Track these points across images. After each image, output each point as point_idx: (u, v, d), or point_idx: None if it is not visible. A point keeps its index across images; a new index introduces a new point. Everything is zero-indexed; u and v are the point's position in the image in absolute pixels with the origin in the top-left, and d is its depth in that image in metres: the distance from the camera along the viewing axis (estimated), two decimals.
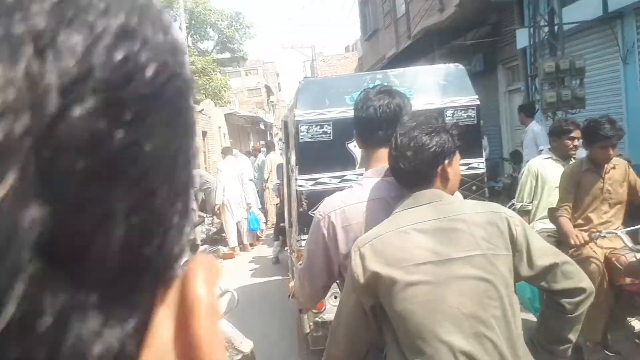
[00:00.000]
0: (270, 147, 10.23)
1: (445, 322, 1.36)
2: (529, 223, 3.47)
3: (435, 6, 11.02)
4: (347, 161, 3.35)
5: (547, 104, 6.44)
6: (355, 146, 3.32)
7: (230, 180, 8.41)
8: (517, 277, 1.45)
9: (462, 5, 9.52)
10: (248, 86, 43.51)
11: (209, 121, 19.87)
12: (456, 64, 3.69)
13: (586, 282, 1.48)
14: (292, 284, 2.10)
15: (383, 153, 1.63)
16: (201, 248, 8.18)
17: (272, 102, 49.61)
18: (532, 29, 7.39)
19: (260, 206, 9.69)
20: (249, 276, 7.13)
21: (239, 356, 3.51)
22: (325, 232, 1.64)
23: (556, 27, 7.15)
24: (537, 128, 6.60)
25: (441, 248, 1.43)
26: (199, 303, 0.27)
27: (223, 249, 8.46)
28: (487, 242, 1.43)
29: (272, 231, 8.96)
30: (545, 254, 1.48)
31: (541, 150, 5.77)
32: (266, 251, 8.45)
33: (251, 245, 8.89)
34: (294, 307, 4.72)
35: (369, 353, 1.60)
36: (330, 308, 2.88)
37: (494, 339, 1.35)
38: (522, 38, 9.06)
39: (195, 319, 0.27)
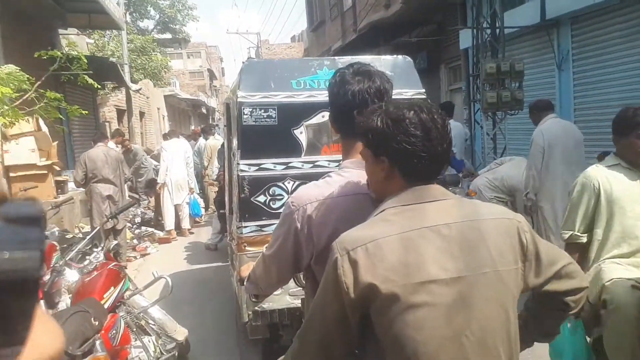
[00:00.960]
0: (208, 131, 9.94)
1: (449, 351, 1.17)
2: (589, 263, 2.62)
3: (382, 2, 11.11)
4: (293, 148, 3.25)
5: (487, 103, 6.66)
6: (301, 133, 3.29)
7: (174, 161, 8.14)
8: (525, 287, 1.31)
9: (408, 2, 9.65)
10: (190, 69, 42.37)
11: (147, 102, 19.16)
12: (404, 56, 3.65)
13: (585, 280, 1.43)
14: (244, 268, 1.92)
15: None
16: (136, 231, 7.86)
17: (215, 86, 48.58)
18: (475, 30, 7.60)
19: (199, 192, 9.45)
20: (186, 262, 6.93)
21: (172, 344, 3.40)
22: (298, 225, 1.49)
23: (497, 30, 7.39)
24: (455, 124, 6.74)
25: (453, 262, 1.20)
26: None
27: (159, 233, 8.17)
28: (500, 256, 1.24)
29: (210, 217, 8.81)
30: (553, 259, 1.35)
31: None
32: (205, 237, 8.24)
33: (189, 230, 8.62)
34: (230, 294, 4.63)
35: None
36: (270, 297, 2.79)
37: (495, 353, 1.21)
38: (465, 39, 9.31)
39: None
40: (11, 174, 6.37)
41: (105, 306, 2.88)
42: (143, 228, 8.04)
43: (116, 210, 4.59)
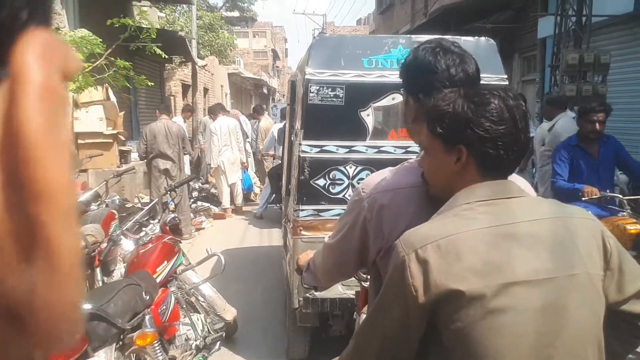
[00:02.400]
0: (260, 111, 9.90)
1: (535, 357, 1.02)
2: None
3: None
4: (358, 131, 3.09)
5: (566, 97, 6.18)
6: (369, 115, 3.12)
7: (224, 141, 8.13)
8: (608, 298, 1.13)
9: None
10: (255, 48, 42.76)
11: (212, 78, 19.44)
12: (487, 38, 3.38)
13: None
14: (302, 256, 1.79)
15: None
16: (193, 206, 7.96)
17: (278, 67, 48.88)
18: (558, 17, 7.06)
19: (255, 169, 9.48)
20: (239, 239, 6.94)
21: (221, 324, 3.34)
22: (367, 214, 1.33)
23: (584, 18, 6.84)
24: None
25: (541, 262, 1.05)
26: (25, 79, 0.23)
27: (214, 209, 8.25)
28: (590, 257, 1.09)
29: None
30: (637, 275, 1.16)
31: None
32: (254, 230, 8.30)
33: (243, 208, 8.64)
34: (281, 277, 4.55)
35: None
36: None
37: None
38: (545, 27, 8.72)
39: (20, 98, 0.23)
40: (79, 141, 6.56)
41: (158, 280, 2.84)
42: (199, 203, 8.12)
43: (173, 184, 4.59)
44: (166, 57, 5.82)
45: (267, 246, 6.47)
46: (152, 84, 5.88)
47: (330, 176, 3.14)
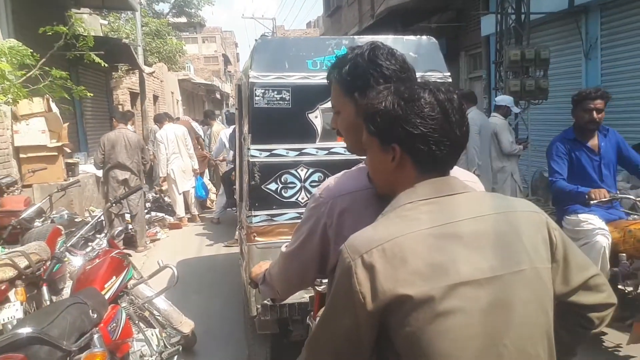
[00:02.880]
0: (211, 116, 9.77)
1: (485, 356, 1.01)
2: None
3: None
4: (307, 133, 3.05)
5: (510, 92, 6.38)
6: (317, 117, 3.08)
7: (172, 149, 7.91)
8: (555, 291, 1.14)
9: None
10: (205, 53, 42.20)
11: (161, 85, 19.03)
12: (429, 37, 3.41)
13: (614, 297, 1.23)
14: (256, 268, 1.75)
15: None
16: (147, 217, 7.74)
17: (230, 72, 48.38)
18: (499, 16, 7.29)
19: (210, 177, 9.34)
20: (196, 248, 6.78)
21: (177, 337, 3.25)
22: (327, 220, 1.30)
23: (523, 16, 7.08)
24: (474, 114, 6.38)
25: (486, 260, 1.04)
26: None
27: (169, 219, 8.05)
28: (535, 251, 1.09)
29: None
30: (583, 265, 1.19)
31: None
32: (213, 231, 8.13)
33: (200, 216, 8.47)
34: (239, 284, 4.46)
35: None
36: None
37: (534, 357, 1.05)
38: (487, 25, 8.98)
39: None
40: (21, 155, 6.26)
41: (107, 296, 2.72)
42: (153, 213, 7.91)
43: (121, 195, 4.44)
44: (106, 65, 5.61)
45: (224, 254, 6.36)
46: (91, 94, 5.67)
47: (282, 180, 3.10)
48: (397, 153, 1.11)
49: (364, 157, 1.25)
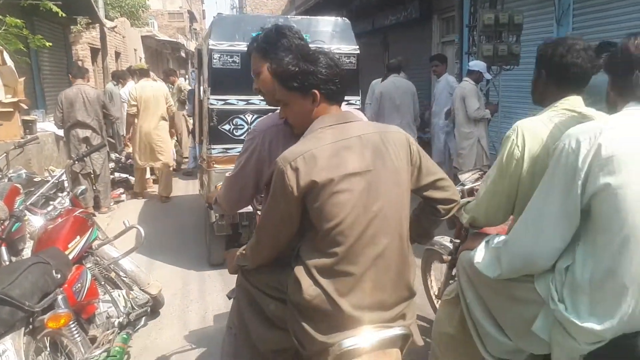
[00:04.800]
0: (172, 75, 9.42)
1: (362, 223, 1.63)
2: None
3: None
4: (252, 87, 3.90)
5: (483, 57, 6.35)
6: None
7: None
8: (412, 187, 1.80)
9: None
10: (169, 9, 40.59)
11: (123, 41, 18.26)
12: (343, 18, 4.55)
13: (457, 195, 1.90)
14: (211, 194, 2.29)
15: None
16: (111, 177, 7.49)
17: (195, 29, 46.84)
18: None
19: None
20: (162, 210, 6.64)
21: (146, 299, 3.16)
22: (260, 147, 1.89)
23: None
24: (450, 78, 6.81)
25: (365, 161, 1.66)
26: None
27: (133, 180, 7.81)
28: (397, 157, 1.71)
29: (186, 166, 8.49)
30: (431, 171, 1.83)
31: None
32: (181, 184, 7.93)
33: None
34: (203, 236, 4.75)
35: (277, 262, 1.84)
36: None
37: (399, 235, 1.70)
38: None
39: None
40: None
41: (70, 257, 2.61)
42: (117, 174, 7.65)
43: (83, 152, 4.24)
44: (63, 15, 5.26)
45: (195, 207, 6.24)
46: (50, 44, 5.31)
47: (234, 122, 4.12)
48: (317, 95, 1.73)
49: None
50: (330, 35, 4.35)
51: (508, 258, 1.79)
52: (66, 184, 3.45)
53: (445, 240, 3.07)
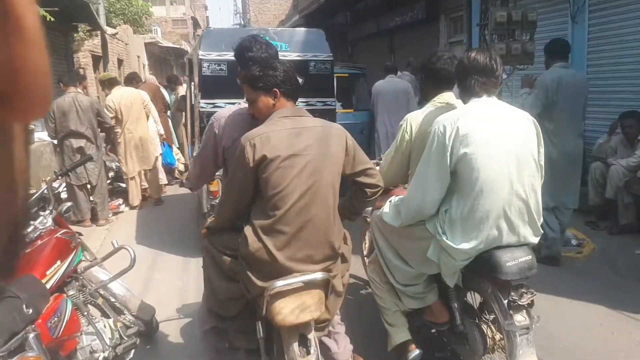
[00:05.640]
0: (175, 82, 9.21)
1: (298, 191, 2.11)
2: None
3: None
4: (238, 92, 4.39)
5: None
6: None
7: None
8: (344, 172, 2.27)
9: None
10: (173, 16, 40.55)
11: (126, 48, 18.08)
12: (318, 29, 5.11)
13: (382, 182, 2.39)
14: (186, 174, 2.89)
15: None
16: (109, 187, 7.23)
17: (199, 35, 46.79)
18: None
19: (177, 144, 8.82)
20: (163, 220, 6.36)
21: (135, 329, 2.84)
22: (217, 130, 2.45)
23: None
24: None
25: (308, 147, 2.14)
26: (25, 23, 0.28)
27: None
28: (335, 147, 2.22)
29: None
30: (362, 162, 2.32)
31: None
32: (183, 192, 7.65)
33: (168, 186, 7.90)
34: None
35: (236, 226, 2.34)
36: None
37: (327, 205, 2.18)
38: None
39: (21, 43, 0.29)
40: None
41: (48, 285, 2.32)
42: (116, 184, 7.39)
43: (66, 167, 3.97)
44: (52, 19, 5.03)
45: (192, 227, 5.96)
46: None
47: None
48: (278, 92, 2.25)
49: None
50: (307, 45, 4.87)
51: (405, 210, 2.48)
52: (49, 200, 3.17)
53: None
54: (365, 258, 3.75)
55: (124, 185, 7.17)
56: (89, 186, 6.12)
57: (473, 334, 2.49)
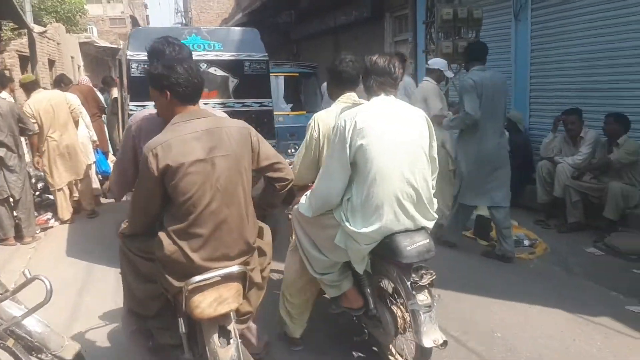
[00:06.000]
0: (110, 83, 8.71)
1: (208, 194, 2.19)
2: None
3: None
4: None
5: (442, 55, 5.94)
6: None
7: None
8: (253, 168, 2.38)
9: None
10: (110, 15, 38.96)
11: (58, 48, 17.06)
12: (253, 28, 5.04)
13: (291, 175, 2.53)
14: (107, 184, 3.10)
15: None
16: (36, 200, 6.63)
17: (128, 35, 45.22)
18: None
19: (112, 151, 8.28)
20: (100, 235, 5.82)
21: None
22: (135, 133, 2.46)
23: None
24: (407, 79, 6.37)
25: (209, 151, 2.20)
26: None
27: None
28: (237, 146, 2.28)
29: None
30: (269, 157, 2.43)
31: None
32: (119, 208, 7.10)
33: (102, 196, 7.25)
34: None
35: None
36: None
37: (238, 204, 2.28)
38: None
39: None
40: None
41: None
42: (44, 196, 6.79)
43: None
44: None
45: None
46: None
47: None
48: (168, 95, 2.28)
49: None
50: (243, 44, 4.78)
51: (315, 200, 2.65)
52: None
53: None
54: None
55: (53, 197, 6.59)
56: (11, 200, 5.54)
57: (385, 317, 2.72)
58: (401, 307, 2.68)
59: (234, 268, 2.26)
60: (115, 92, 7.96)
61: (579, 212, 5.20)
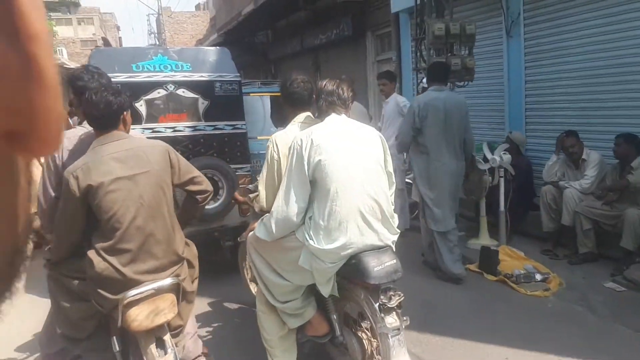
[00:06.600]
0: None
1: (132, 211, 2.31)
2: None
3: None
4: (135, 118, 3.50)
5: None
6: (141, 105, 4.21)
7: None
8: (173, 184, 2.51)
9: None
10: (81, 37, 38.20)
11: None
12: (223, 47, 4.82)
13: (210, 187, 2.66)
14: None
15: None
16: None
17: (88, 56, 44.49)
18: None
19: None
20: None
21: None
22: (59, 160, 2.54)
23: None
24: (399, 98, 6.01)
25: (128, 169, 2.34)
26: None
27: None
28: (157, 163, 2.43)
29: None
30: (188, 171, 2.57)
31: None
32: None
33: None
34: None
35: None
36: None
37: (163, 217, 2.41)
38: (398, 1, 8.18)
39: None
40: None
41: None
42: None
43: None
44: None
45: None
46: None
47: None
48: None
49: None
50: (213, 64, 4.53)
51: (275, 222, 2.57)
52: None
53: None
54: (250, 282, 3.85)
55: None
56: None
57: (352, 343, 2.68)
58: (367, 332, 2.65)
59: (167, 280, 2.37)
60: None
61: (591, 241, 4.75)
